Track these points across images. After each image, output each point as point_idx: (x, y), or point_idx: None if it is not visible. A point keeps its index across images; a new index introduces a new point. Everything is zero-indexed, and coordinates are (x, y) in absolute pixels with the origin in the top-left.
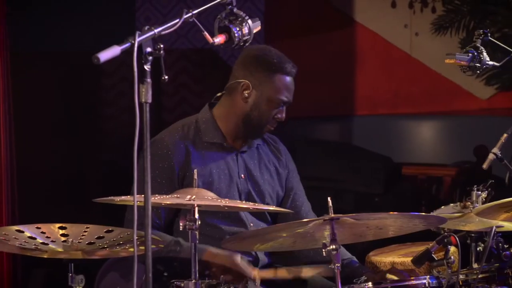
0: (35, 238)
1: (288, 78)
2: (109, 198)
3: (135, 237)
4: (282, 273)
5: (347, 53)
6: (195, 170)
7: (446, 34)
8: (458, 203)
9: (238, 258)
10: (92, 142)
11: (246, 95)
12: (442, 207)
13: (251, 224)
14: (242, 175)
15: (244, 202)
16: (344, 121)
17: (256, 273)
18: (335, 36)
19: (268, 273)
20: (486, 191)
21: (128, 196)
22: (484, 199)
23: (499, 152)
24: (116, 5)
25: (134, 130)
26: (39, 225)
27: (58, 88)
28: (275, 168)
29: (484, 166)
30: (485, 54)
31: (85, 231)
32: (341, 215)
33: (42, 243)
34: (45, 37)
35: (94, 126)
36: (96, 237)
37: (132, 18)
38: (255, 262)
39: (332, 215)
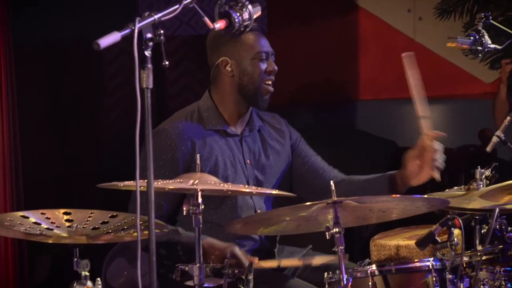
0: (40, 224)
1: (254, 33)
2: (113, 183)
3: (138, 222)
4: (287, 262)
5: (350, 38)
6: (198, 155)
7: (450, 18)
8: (462, 186)
9: (236, 248)
10: (94, 130)
11: (229, 69)
12: (446, 190)
13: (259, 211)
14: (248, 161)
15: (247, 186)
16: (348, 107)
17: (256, 262)
18: (338, 21)
19: (271, 263)
20: (490, 170)
21: (132, 181)
22: (488, 180)
23: (502, 135)
24: None
25: (136, 116)
26: (43, 211)
27: (60, 76)
28: (280, 143)
29: (488, 149)
30: (486, 37)
31: (89, 217)
32: (343, 198)
33: (47, 228)
34: (47, 26)
35: (96, 114)
36: (100, 222)
37: (135, 6)
38: (260, 248)
39: (335, 198)
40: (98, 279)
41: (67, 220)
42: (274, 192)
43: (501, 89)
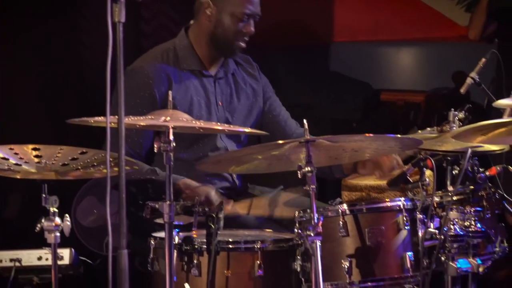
0: (7, 159)
1: None
2: (83, 119)
3: (108, 158)
4: (256, 211)
5: None
6: (170, 92)
7: None
8: (435, 127)
9: (213, 192)
10: (72, 65)
11: (209, 13)
12: (419, 131)
13: None
14: (220, 102)
15: (219, 124)
16: (323, 49)
17: (229, 207)
18: None
19: (242, 209)
20: (463, 112)
21: (102, 117)
22: (461, 122)
23: (477, 77)
24: None
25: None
26: (12, 146)
27: (38, 12)
28: (252, 88)
29: (462, 90)
30: None
31: (59, 153)
32: (316, 137)
33: (15, 164)
34: None
35: (72, 50)
36: (70, 158)
37: None
38: (232, 187)
39: (308, 137)
40: (67, 215)
41: (36, 156)
42: (247, 130)
43: None
